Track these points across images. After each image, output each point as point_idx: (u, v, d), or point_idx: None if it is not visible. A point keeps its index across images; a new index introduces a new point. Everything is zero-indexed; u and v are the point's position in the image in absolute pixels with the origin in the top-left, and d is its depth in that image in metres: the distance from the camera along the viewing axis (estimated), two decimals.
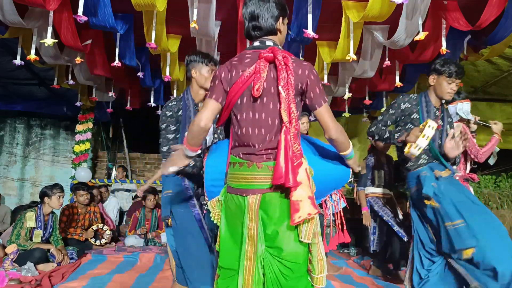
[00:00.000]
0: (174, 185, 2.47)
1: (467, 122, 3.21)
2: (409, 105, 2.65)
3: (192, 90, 2.56)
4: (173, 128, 2.48)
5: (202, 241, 2.41)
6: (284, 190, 1.54)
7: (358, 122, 7.16)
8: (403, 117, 2.65)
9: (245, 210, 1.57)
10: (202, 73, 2.50)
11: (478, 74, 5.36)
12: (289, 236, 1.53)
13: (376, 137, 2.68)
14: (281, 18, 1.64)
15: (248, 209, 1.56)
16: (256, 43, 1.66)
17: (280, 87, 1.51)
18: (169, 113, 2.49)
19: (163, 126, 2.49)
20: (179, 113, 2.50)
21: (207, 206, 1.81)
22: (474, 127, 3.22)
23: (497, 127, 3.17)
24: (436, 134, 2.53)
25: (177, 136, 2.49)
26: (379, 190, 3.86)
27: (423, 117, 2.57)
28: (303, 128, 3.82)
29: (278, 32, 1.66)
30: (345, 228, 1.90)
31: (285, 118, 1.50)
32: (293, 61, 1.56)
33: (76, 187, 5.04)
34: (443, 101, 2.70)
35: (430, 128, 2.35)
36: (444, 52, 3.70)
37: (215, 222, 1.75)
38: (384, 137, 2.64)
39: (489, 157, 3.25)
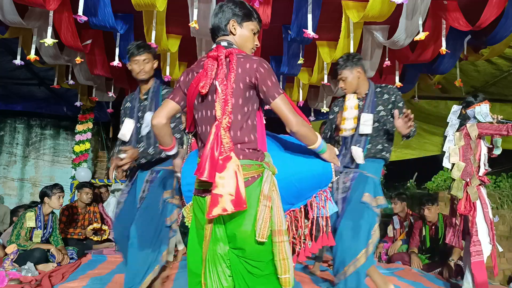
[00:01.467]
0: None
1: (490, 123, 3.11)
2: (339, 108, 2.79)
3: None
4: (122, 120, 2.71)
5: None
6: None
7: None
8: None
9: (205, 211, 1.55)
10: (130, 66, 2.65)
11: (478, 74, 5.36)
12: (247, 235, 1.50)
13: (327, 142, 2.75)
14: (232, 21, 1.67)
15: (207, 209, 1.53)
16: (213, 46, 1.69)
17: (216, 82, 1.53)
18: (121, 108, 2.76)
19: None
20: (126, 105, 2.78)
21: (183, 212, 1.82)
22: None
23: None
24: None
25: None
26: None
27: None
28: None
29: (231, 34, 1.69)
30: (330, 231, 1.84)
31: (218, 112, 1.50)
32: (241, 56, 1.57)
33: (82, 184, 5.06)
34: (374, 89, 2.71)
35: (349, 107, 2.48)
36: (444, 52, 3.70)
37: (188, 226, 1.74)
38: (328, 139, 2.77)
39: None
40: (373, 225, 2.50)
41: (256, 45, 1.77)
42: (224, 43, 1.65)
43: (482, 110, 3.06)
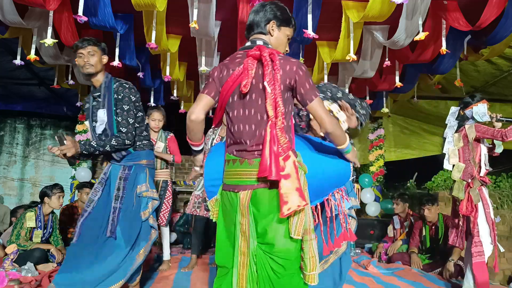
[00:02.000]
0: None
1: (489, 122, 3.11)
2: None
3: None
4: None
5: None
6: (273, 185, 1.55)
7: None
8: None
9: (237, 206, 1.60)
10: (77, 61, 2.64)
11: (478, 74, 5.36)
12: (280, 232, 1.55)
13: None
14: (273, 22, 1.70)
15: (240, 205, 1.59)
16: (248, 43, 1.72)
17: (265, 82, 1.55)
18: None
19: None
20: (86, 106, 2.77)
21: (207, 206, 1.84)
22: (498, 125, 3.08)
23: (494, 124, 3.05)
24: None
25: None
26: None
27: None
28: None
29: (269, 34, 1.71)
30: (349, 227, 1.91)
31: (271, 112, 1.53)
32: (280, 58, 1.60)
33: (83, 184, 5.05)
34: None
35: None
36: (444, 52, 3.70)
37: (214, 221, 1.77)
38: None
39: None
40: None
41: (287, 50, 1.81)
42: (260, 42, 1.68)
43: (480, 110, 3.07)
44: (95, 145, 2.49)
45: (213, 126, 1.84)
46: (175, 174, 7.14)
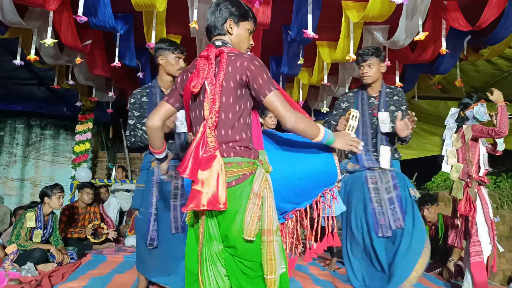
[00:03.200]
0: (145, 179, 2.72)
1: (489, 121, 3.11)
2: (348, 104, 2.79)
3: (160, 77, 2.69)
4: (136, 114, 2.66)
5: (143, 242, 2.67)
6: (232, 185, 1.50)
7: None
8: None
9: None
10: (168, 60, 2.62)
11: (478, 74, 5.36)
12: (238, 234, 1.48)
13: None
14: (230, 20, 1.67)
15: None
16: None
17: (205, 81, 1.53)
18: (132, 100, 2.68)
19: (129, 112, 2.68)
20: (143, 99, 2.67)
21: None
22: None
23: (494, 95, 3.04)
24: (364, 120, 2.67)
25: (142, 121, 2.63)
26: None
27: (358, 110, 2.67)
28: (271, 123, 3.82)
29: (228, 33, 1.68)
30: (335, 231, 1.83)
31: (206, 111, 1.50)
32: (232, 55, 1.56)
33: (84, 184, 5.06)
34: (385, 89, 2.73)
35: (353, 118, 2.41)
36: (444, 52, 3.70)
37: (188, 224, 1.74)
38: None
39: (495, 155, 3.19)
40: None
41: (251, 44, 1.76)
42: (218, 43, 1.64)
43: (480, 110, 3.07)
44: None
45: (187, 131, 1.86)
46: None
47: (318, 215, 1.80)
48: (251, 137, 1.61)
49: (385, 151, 2.60)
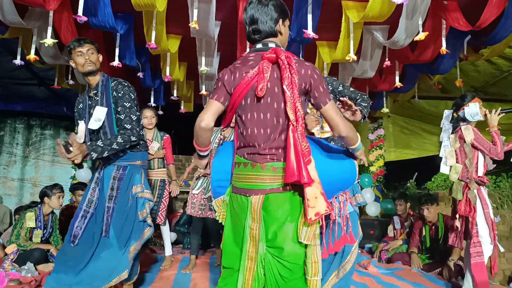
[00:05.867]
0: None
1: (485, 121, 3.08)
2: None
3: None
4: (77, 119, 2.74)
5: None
6: (285, 189, 1.55)
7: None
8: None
9: (247, 210, 1.59)
10: (74, 60, 2.60)
11: (478, 74, 5.36)
12: (289, 236, 1.54)
13: None
14: (280, 20, 1.66)
15: (251, 209, 1.58)
16: (259, 45, 1.68)
17: (284, 86, 1.53)
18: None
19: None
20: (79, 106, 2.73)
21: (212, 206, 1.84)
22: (495, 119, 3.03)
23: (488, 120, 3.02)
24: None
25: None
26: None
27: None
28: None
29: (279, 34, 1.68)
30: (350, 230, 1.91)
31: (292, 116, 1.51)
32: (295, 61, 1.58)
33: (76, 187, 5.04)
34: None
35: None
36: (444, 52, 3.70)
37: (220, 221, 1.77)
38: None
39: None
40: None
41: None
42: (272, 44, 1.65)
43: (471, 110, 3.05)
44: (102, 145, 2.46)
45: (221, 127, 1.83)
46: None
47: (334, 216, 1.89)
48: None
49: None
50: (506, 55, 4.60)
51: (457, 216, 3.13)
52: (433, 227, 4.25)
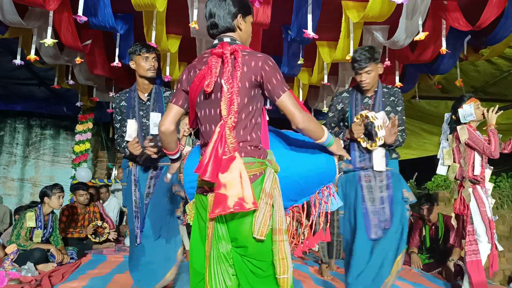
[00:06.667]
0: (126, 178, 2.81)
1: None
2: (343, 105, 2.71)
3: (136, 81, 2.80)
4: (118, 118, 2.77)
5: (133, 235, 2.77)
6: None
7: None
8: (342, 117, 2.72)
9: (206, 209, 1.55)
10: (138, 62, 2.70)
11: (478, 74, 5.36)
12: (249, 233, 1.47)
13: None
14: (239, 16, 1.63)
15: (208, 208, 1.53)
16: (215, 41, 1.66)
17: (222, 80, 1.50)
18: (114, 105, 2.81)
19: (113, 115, 2.82)
20: (121, 104, 2.77)
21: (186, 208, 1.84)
22: (493, 117, 3.03)
23: (487, 118, 3.03)
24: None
25: (125, 124, 2.73)
26: None
27: (352, 112, 2.64)
28: None
29: (238, 29, 1.65)
30: (328, 227, 1.85)
31: (224, 111, 1.48)
32: (245, 53, 1.54)
33: (76, 187, 5.04)
34: (382, 88, 2.65)
35: (375, 118, 2.39)
36: (444, 52, 3.70)
37: (190, 223, 1.73)
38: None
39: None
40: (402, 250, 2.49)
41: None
42: (227, 39, 1.61)
43: (465, 111, 3.07)
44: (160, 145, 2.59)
45: (189, 127, 1.86)
46: None
47: (315, 212, 1.83)
48: (260, 137, 1.61)
49: (377, 154, 2.52)
50: (506, 55, 4.59)
51: (453, 214, 3.16)
52: (433, 227, 4.25)
